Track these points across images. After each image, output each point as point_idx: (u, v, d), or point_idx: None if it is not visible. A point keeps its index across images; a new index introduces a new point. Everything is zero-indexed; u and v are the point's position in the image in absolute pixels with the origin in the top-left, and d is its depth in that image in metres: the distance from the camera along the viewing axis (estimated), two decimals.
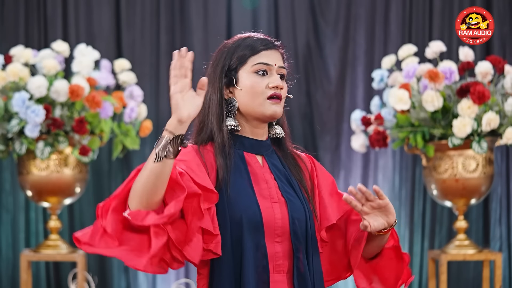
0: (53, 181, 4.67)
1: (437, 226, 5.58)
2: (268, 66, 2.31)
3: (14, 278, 5.52)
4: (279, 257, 2.25)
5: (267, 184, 2.29)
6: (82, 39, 5.44)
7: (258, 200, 2.25)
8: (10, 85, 4.61)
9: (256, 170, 2.30)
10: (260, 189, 2.27)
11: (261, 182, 2.28)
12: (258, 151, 2.33)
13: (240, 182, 2.26)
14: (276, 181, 2.30)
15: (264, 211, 2.24)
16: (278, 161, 2.35)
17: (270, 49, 2.33)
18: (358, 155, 5.53)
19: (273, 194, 2.28)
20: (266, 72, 2.30)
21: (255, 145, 2.33)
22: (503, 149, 5.53)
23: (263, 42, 2.33)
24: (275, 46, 2.34)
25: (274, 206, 2.26)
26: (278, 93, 2.29)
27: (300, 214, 2.28)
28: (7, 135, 4.58)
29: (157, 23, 5.63)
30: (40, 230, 5.52)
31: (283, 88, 2.31)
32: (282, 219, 2.25)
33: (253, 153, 2.33)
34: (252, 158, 2.32)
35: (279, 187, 2.29)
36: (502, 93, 4.57)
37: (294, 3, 5.65)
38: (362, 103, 5.54)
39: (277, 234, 2.25)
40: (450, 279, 5.36)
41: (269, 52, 2.32)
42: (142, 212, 2.08)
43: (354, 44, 5.64)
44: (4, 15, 5.55)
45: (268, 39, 2.35)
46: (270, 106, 2.28)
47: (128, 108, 4.76)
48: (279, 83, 2.29)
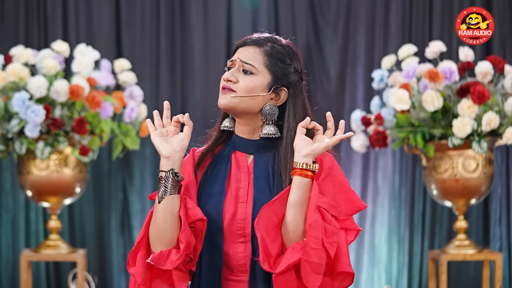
0: (53, 181, 4.67)
1: (437, 226, 5.58)
2: (232, 61, 2.33)
3: (14, 278, 5.52)
4: (241, 257, 2.26)
5: (238, 184, 2.29)
6: (82, 39, 5.44)
7: (225, 200, 2.27)
8: (10, 85, 4.61)
9: (236, 169, 2.31)
10: (231, 189, 2.29)
11: (233, 183, 2.30)
12: (246, 150, 2.33)
13: (215, 183, 2.30)
14: (254, 182, 2.28)
15: (227, 212, 2.26)
16: (271, 161, 2.31)
17: (243, 46, 2.33)
18: (358, 155, 5.53)
19: (242, 194, 2.28)
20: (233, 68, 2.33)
21: (243, 144, 2.34)
22: (503, 149, 5.53)
23: (241, 40, 2.35)
24: (248, 43, 2.33)
25: (240, 206, 2.27)
26: (224, 85, 2.30)
27: None
28: (7, 135, 4.58)
29: (157, 23, 5.63)
30: (40, 230, 5.52)
31: (236, 81, 2.29)
32: (245, 219, 2.26)
33: (243, 152, 2.33)
34: (241, 156, 2.33)
35: (254, 187, 2.28)
36: (502, 93, 4.57)
37: (294, 3, 5.65)
38: (362, 103, 5.54)
39: (240, 235, 2.26)
40: (450, 279, 5.36)
41: (243, 48, 2.33)
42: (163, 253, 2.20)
43: (354, 44, 5.64)
44: (4, 15, 5.55)
45: (251, 36, 2.35)
46: (220, 97, 2.31)
47: (128, 108, 4.76)
48: (227, 75, 2.30)
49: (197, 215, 2.22)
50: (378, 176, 5.61)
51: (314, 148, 2.21)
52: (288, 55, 2.35)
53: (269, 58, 2.31)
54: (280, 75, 2.32)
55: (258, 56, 2.31)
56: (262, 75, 2.30)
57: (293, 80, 2.33)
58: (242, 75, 2.30)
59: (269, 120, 2.31)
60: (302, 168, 2.19)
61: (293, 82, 2.33)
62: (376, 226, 5.58)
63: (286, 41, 2.39)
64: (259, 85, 2.29)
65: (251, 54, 2.31)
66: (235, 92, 2.28)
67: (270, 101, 2.31)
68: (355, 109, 5.14)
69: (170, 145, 2.23)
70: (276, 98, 2.32)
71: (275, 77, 2.31)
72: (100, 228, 5.59)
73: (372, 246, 5.58)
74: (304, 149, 2.20)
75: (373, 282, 5.57)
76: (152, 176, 5.55)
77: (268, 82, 2.30)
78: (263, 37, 2.34)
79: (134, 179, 5.56)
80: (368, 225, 5.58)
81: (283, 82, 2.32)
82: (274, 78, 2.31)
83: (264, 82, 2.30)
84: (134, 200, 5.56)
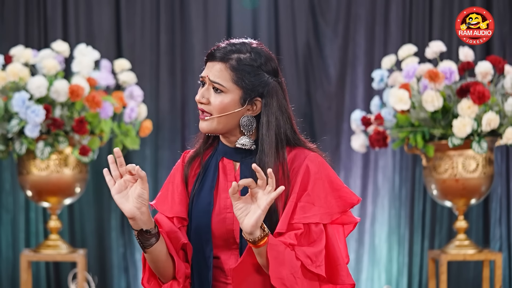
0: (53, 181, 4.67)
1: (437, 226, 5.58)
2: (203, 78, 2.30)
3: (14, 278, 5.51)
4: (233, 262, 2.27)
5: (226, 194, 2.29)
6: (82, 39, 5.43)
7: (214, 210, 2.27)
8: (10, 85, 4.61)
9: (223, 178, 2.31)
10: (220, 199, 2.29)
11: (221, 192, 2.30)
12: (232, 157, 2.32)
13: (204, 192, 2.31)
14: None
15: (215, 221, 2.27)
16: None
17: (210, 61, 2.29)
18: (358, 155, 5.53)
19: (230, 204, 2.25)
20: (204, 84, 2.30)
21: (228, 152, 2.32)
22: (503, 149, 5.53)
23: (211, 52, 2.29)
24: (214, 58, 2.27)
25: (228, 216, 2.27)
26: (200, 108, 2.28)
27: None
28: (7, 135, 4.58)
29: (157, 23, 5.63)
30: (40, 230, 5.52)
31: (208, 103, 2.27)
32: (233, 230, 2.26)
33: (231, 159, 2.32)
34: (229, 164, 2.32)
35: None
36: (502, 93, 4.57)
37: (294, 3, 5.65)
38: (362, 103, 5.54)
39: (231, 243, 2.27)
40: (450, 279, 5.35)
41: (212, 63, 2.28)
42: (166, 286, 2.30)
43: (354, 44, 5.64)
44: (4, 15, 5.54)
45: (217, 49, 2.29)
46: (200, 122, 2.30)
47: (128, 108, 4.76)
48: (198, 97, 2.28)
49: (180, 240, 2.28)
50: (378, 176, 5.61)
51: (256, 220, 2.12)
52: (257, 63, 2.27)
53: (236, 73, 2.25)
54: (250, 88, 2.26)
55: (224, 73, 2.25)
56: (232, 91, 2.25)
57: (266, 87, 2.27)
58: (213, 93, 2.26)
59: (247, 131, 2.28)
60: (254, 243, 2.15)
61: (266, 90, 2.27)
62: (376, 226, 5.58)
63: (255, 44, 2.31)
64: (230, 103, 2.25)
65: (218, 71, 2.25)
66: (210, 114, 2.26)
67: (247, 112, 2.28)
68: (355, 109, 5.14)
69: (131, 203, 2.20)
70: (253, 109, 2.28)
71: (245, 91, 2.26)
72: (100, 228, 5.59)
73: (372, 246, 5.58)
74: (247, 226, 2.12)
75: (373, 282, 5.57)
76: (152, 176, 5.55)
77: (239, 97, 2.26)
78: (228, 49, 2.27)
79: None
80: (368, 225, 5.58)
81: (255, 93, 2.27)
82: (244, 92, 2.26)
83: (235, 99, 2.26)
84: None
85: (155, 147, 5.58)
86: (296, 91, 5.58)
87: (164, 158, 5.53)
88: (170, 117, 5.58)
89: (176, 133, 5.57)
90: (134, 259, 5.54)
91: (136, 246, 5.52)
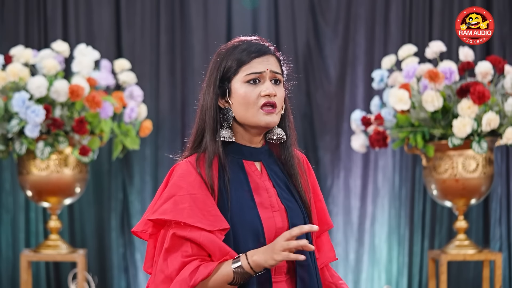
0: (53, 181, 4.67)
1: (437, 226, 5.58)
2: (260, 74, 2.26)
3: (14, 278, 5.52)
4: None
5: (267, 193, 2.28)
6: (82, 39, 5.44)
7: (259, 211, 2.24)
8: (10, 85, 4.61)
9: (256, 179, 2.29)
10: (261, 199, 2.27)
11: (262, 192, 2.28)
12: (257, 158, 2.31)
13: (241, 194, 2.25)
14: (275, 188, 2.28)
15: (265, 222, 2.24)
16: (277, 166, 2.33)
17: (262, 56, 2.27)
18: (358, 155, 5.53)
19: (274, 202, 2.27)
20: (259, 80, 2.26)
21: (254, 153, 2.31)
22: (503, 149, 5.53)
23: (255, 49, 2.27)
24: (267, 52, 2.28)
25: (275, 215, 2.26)
26: (271, 101, 2.25)
27: (299, 220, 2.28)
28: (7, 135, 4.58)
29: (157, 23, 5.63)
30: (40, 230, 5.52)
31: (277, 95, 2.26)
32: (282, 228, 2.26)
33: (252, 160, 2.31)
34: (251, 165, 2.31)
35: (278, 195, 2.28)
36: (502, 93, 4.57)
37: (294, 3, 5.65)
38: (362, 103, 5.54)
39: None
40: (450, 279, 5.36)
41: (261, 59, 2.27)
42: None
43: (354, 44, 5.64)
44: (4, 15, 5.55)
45: (260, 44, 2.29)
46: (263, 116, 2.25)
47: (128, 108, 4.76)
48: (271, 90, 2.25)
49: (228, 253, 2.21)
50: (378, 176, 5.61)
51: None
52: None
53: (280, 64, 2.32)
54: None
55: (279, 65, 2.30)
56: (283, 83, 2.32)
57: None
58: (275, 86, 2.28)
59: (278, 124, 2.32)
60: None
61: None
62: (376, 226, 5.58)
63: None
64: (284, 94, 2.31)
65: (275, 63, 2.29)
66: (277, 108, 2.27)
67: None
68: (355, 109, 5.14)
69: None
70: None
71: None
72: (100, 228, 5.59)
73: (372, 246, 5.58)
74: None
75: (373, 282, 5.57)
76: (152, 176, 5.55)
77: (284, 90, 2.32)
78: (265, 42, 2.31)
79: (134, 179, 5.56)
80: (368, 225, 5.58)
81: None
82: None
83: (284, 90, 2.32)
84: (134, 200, 5.56)
85: (155, 147, 5.58)
86: (296, 91, 5.58)
87: (164, 158, 5.53)
88: (170, 117, 5.58)
89: (176, 133, 5.57)
90: (134, 259, 5.54)
91: (136, 246, 5.52)
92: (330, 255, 2.42)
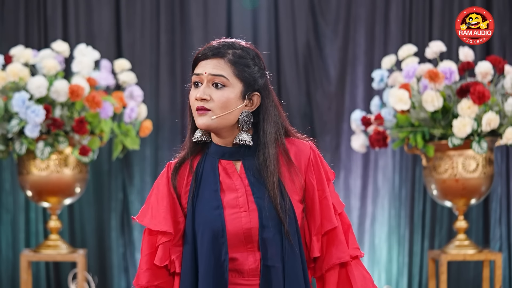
0: (53, 181, 4.67)
1: (437, 226, 5.58)
2: (199, 76, 2.25)
3: (14, 278, 5.52)
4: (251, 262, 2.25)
5: (237, 193, 2.26)
6: (82, 39, 5.43)
7: (224, 210, 2.24)
8: (10, 85, 4.61)
9: (227, 178, 2.28)
10: (228, 199, 2.26)
11: (230, 192, 2.27)
12: (233, 157, 2.29)
13: (208, 194, 2.27)
14: (251, 188, 2.25)
15: (230, 222, 2.23)
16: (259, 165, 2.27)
17: (206, 59, 2.25)
18: (358, 155, 5.53)
19: (242, 203, 2.25)
20: (201, 83, 2.26)
21: (227, 153, 2.29)
22: (503, 149, 5.53)
23: (202, 52, 2.27)
24: (214, 55, 2.25)
25: (243, 215, 2.24)
26: (199, 106, 2.24)
27: (273, 221, 2.24)
28: (7, 135, 4.58)
29: (157, 23, 5.63)
30: (40, 230, 5.52)
31: (209, 99, 2.23)
32: (251, 228, 2.24)
33: (230, 160, 2.29)
34: (229, 165, 2.29)
35: (253, 194, 2.26)
36: (502, 93, 4.57)
37: (294, 3, 5.65)
38: (362, 103, 5.54)
39: (248, 242, 2.25)
40: (450, 279, 5.36)
41: (205, 62, 2.26)
42: None
43: (354, 44, 5.64)
44: (4, 15, 5.55)
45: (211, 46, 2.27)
46: (197, 118, 2.25)
47: (128, 108, 4.76)
48: (200, 94, 2.23)
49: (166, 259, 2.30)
50: (378, 176, 5.61)
51: None
52: (251, 57, 2.27)
53: (236, 67, 2.24)
54: (250, 81, 2.26)
55: (224, 67, 2.24)
56: (234, 85, 2.24)
57: (262, 81, 2.28)
58: (214, 90, 2.24)
59: (245, 127, 2.27)
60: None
61: (262, 84, 2.28)
62: (376, 226, 5.58)
63: (244, 43, 2.32)
64: (233, 97, 2.24)
65: (216, 66, 2.24)
66: (211, 111, 2.23)
67: (245, 108, 2.27)
68: (355, 109, 5.14)
69: None
70: (250, 104, 2.28)
71: (246, 84, 2.26)
72: (100, 228, 5.59)
73: (372, 246, 5.58)
74: None
75: None
76: (152, 176, 5.55)
77: (240, 91, 2.25)
78: (221, 45, 2.27)
79: (134, 179, 5.56)
80: (368, 225, 5.58)
81: (254, 87, 2.27)
82: (245, 85, 2.26)
83: (237, 93, 2.25)
84: (134, 200, 5.56)
85: (155, 147, 5.58)
86: (296, 91, 5.58)
87: (164, 158, 5.53)
88: (170, 117, 5.58)
89: (176, 133, 5.57)
90: (134, 259, 5.54)
91: (136, 246, 5.52)
92: (340, 255, 2.34)
